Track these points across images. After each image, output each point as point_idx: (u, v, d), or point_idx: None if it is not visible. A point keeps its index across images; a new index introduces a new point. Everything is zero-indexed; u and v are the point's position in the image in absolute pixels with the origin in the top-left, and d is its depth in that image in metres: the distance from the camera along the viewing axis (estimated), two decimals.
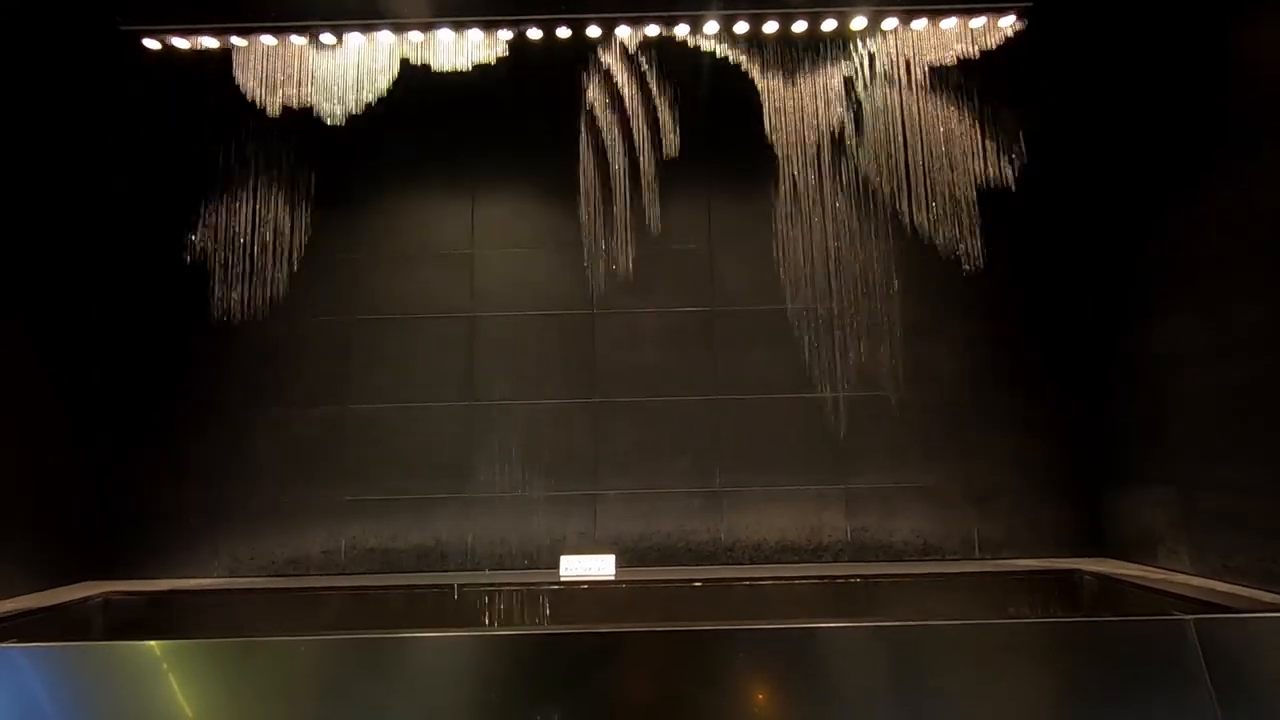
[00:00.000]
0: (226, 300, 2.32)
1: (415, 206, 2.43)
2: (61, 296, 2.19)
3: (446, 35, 2.21)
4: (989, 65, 2.26)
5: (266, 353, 2.34)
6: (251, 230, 2.34)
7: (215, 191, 2.34)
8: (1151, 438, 2.08)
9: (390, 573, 2.27)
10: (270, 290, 2.33)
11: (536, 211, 2.43)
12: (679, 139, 2.36)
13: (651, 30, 2.29)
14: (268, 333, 2.33)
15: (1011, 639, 1.41)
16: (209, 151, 2.34)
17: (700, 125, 2.36)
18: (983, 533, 2.29)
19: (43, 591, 2.02)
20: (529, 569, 2.27)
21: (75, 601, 1.95)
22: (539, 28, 2.27)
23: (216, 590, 2.12)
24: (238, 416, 2.31)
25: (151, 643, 1.41)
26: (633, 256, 2.37)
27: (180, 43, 2.27)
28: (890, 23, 2.27)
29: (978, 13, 2.25)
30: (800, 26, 2.27)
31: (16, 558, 1.98)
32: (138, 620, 2.04)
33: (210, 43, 2.27)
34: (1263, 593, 1.65)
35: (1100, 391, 2.29)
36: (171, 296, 2.34)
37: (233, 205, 2.34)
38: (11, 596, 1.93)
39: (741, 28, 2.27)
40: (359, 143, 2.34)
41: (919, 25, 2.28)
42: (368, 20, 2.26)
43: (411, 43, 2.25)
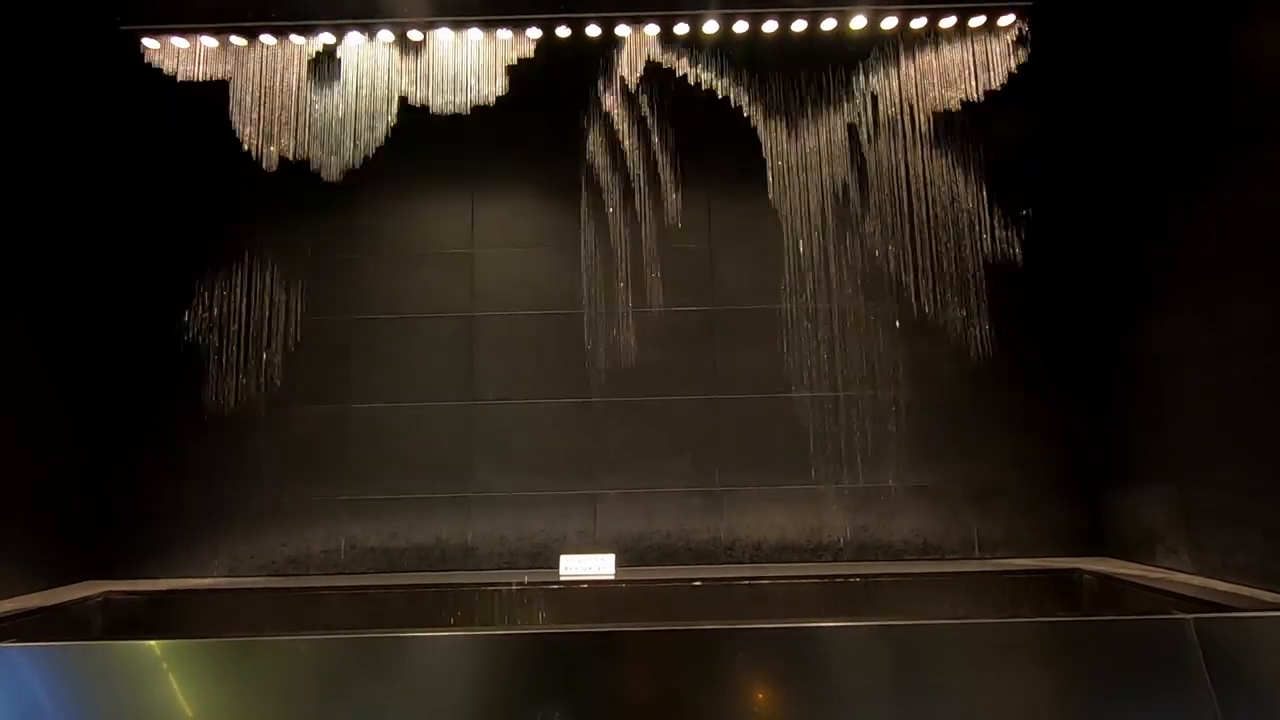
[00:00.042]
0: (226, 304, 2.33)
1: (415, 206, 2.43)
2: (61, 296, 2.19)
3: (446, 74, 2.24)
4: (994, 106, 2.29)
5: (266, 352, 2.34)
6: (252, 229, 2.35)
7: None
8: (1151, 437, 2.08)
9: (390, 572, 2.27)
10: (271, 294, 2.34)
11: (536, 211, 2.43)
12: (680, 142, 2.37)
13: (651, 29, 2.29)
14: (267, 331, 2.33)
15: (1011, 638, 1.41)
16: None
17: (701, 124, 2.37)
18: (983, 532, 2.29)
19: (42, 591, 2.02)
20: (529, 568, 2.27)
21: (75, 601, 1.95)
22: (538, 27, 2.28)
23: (216, 590, 2.12)
24: (238, 416, 2.31)
25: (151, 642, 1.40)
26: (634, 256, 2.38)
27: (180, 42, 2.27)
28: (890, 21, 2.27)
29: (976, 11, 2.26)
30: (800, 25, 2.27)
31: (16, 558, 1.98)
32: (137, 620, 2.04)
33: (210, 42, 2.27)
34: (1263, 592, 1.65)
35: (1100, 391, 2.29)
36: (172, 295, 2.34)
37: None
38: (11, 596, 1.93)
39: (740, 26, 2.28)
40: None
41: (918, 24, 2.28)
42: (367, 20, 2.26)
43: (410, 76, 2.28)
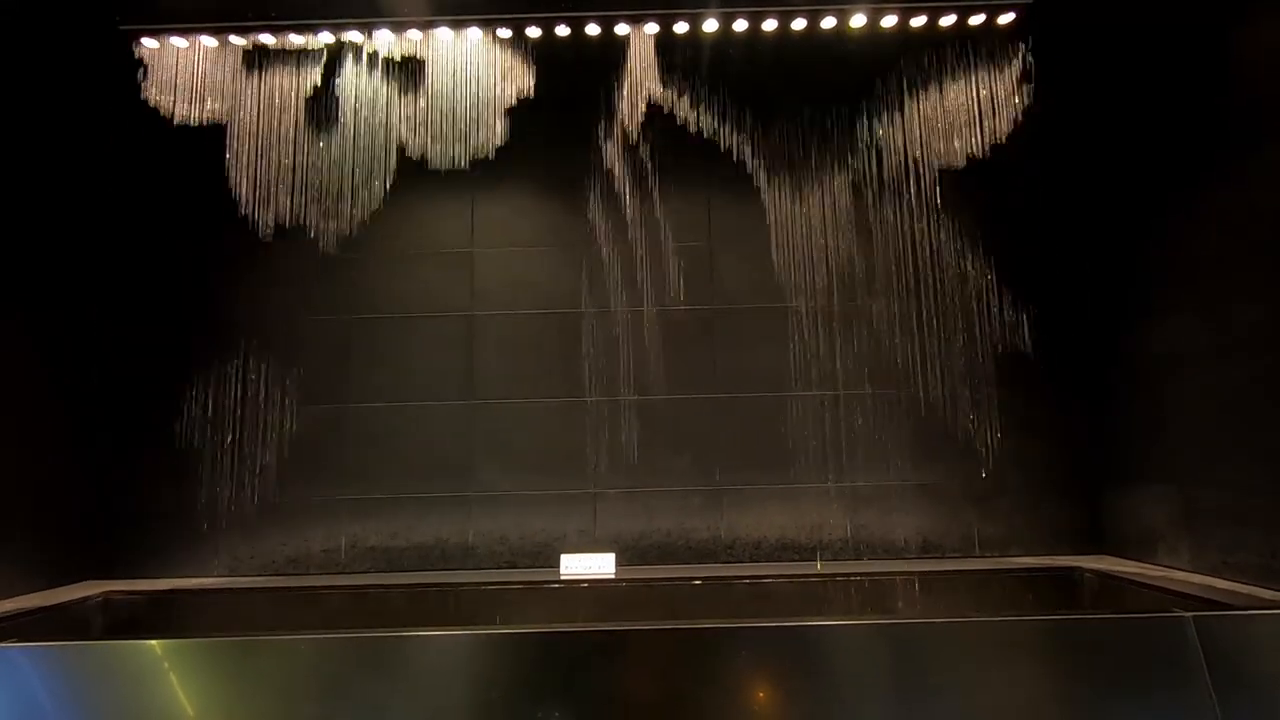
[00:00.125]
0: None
1: (414, 205, 2.43)
2: (61, 296, 2.19)
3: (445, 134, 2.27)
4: (1000, 163, 2.30)
5: (266, 352, 2.34)
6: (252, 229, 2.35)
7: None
8: (1151, 436, 2.08)
9: (391, 572, 2.27)
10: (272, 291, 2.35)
11: (536, 210, 2.43)
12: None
13: (651, 28, 2.29)
14: (266, 332, 2.34)
15: (1012, 636, 1.41)
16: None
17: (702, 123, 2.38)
18: (983, 530, 2.30)
19: (43, 591, 2.02)
20: (529, 567, 2.28)
21: (75, 601, 1.95)
22: (538, 26, 2.28)
23: (217, 590, 2.12)
24: (238, 415, 2.31)
25: (152, 642, 1.40)
26: (634, 256, 2.38)
27: (179, 42, 2.27)
28: (890, 19, 2.27)
29: (976, 10, 2.26)
30: (800, 24, 2.28)
31: (16, 557, 1.97)
32: (138, 619, 2.04)
33: (210, 42, 2.27)
34: (1262, 590, 1.65)
35: (1100, 391, 2.29)
36: (172, 296, 2.34)
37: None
38: (11, 596, 1.93)
39: (740, 24, 2.28)
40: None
41: (918, 22, 2.29)
42: (366, 20, 2.26)
43: (407, 123, 2.30)
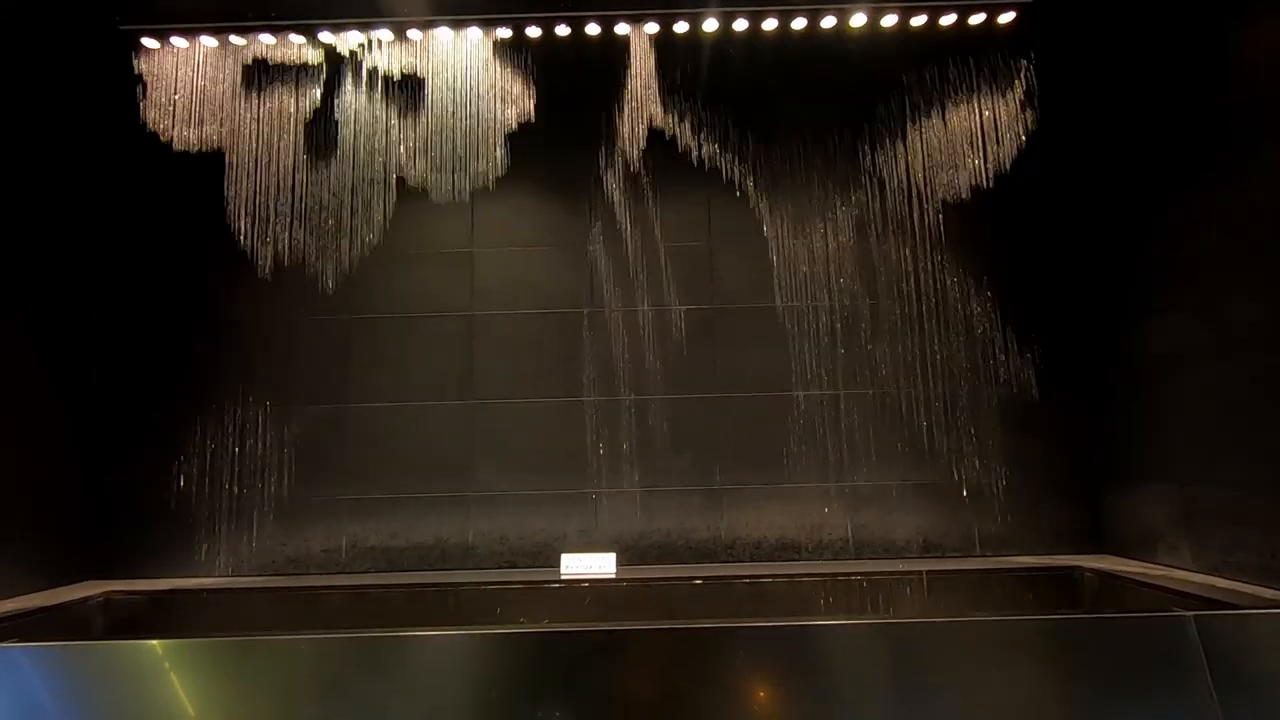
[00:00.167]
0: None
1: (414, 205, 2.43)
2: (61, 296, 2.19)
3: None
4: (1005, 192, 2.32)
5: (266, 352, 2.34)
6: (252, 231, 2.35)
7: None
8: (1151, 436, 2.08)
9: (391, 571, 2.27)
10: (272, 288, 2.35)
11: (536, 210, 2.43)
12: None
13: (652, 28, 2.29)
14: (266, 332, 2.34)
15: (1012, 636, 1.41)
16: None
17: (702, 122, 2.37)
18: (983, 530, 2.29)
19: (43, 591, 2.02)
20: (529, 567, 2.27)
21: (76, 601, 1.95)
22: (538, 25, 2.28)
23: (217, 589, 2.12)
24: (238, 416, 2.31)
25: (152, 642, 1.40)
26: (633, 255, 2.38)
27: (180, 41, 2.27)
28: (890, 19, 2.28)
29: (976, 10, 2.27)
30: (800, 24, 2.28)
31: (16, 558, 1.97)
32: (138, 619, 2.04)
33: (210, 42, 2.27)
34: (1263, 589, 1.65)
35: (1100, 391, 2.29)
36: (172, 296, 2.34)
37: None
38: (12, 596, 1.93)
39: (740, 24, 2.28)
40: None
41: (918, 22, 2.29)
42: (366, 20, 2.26)
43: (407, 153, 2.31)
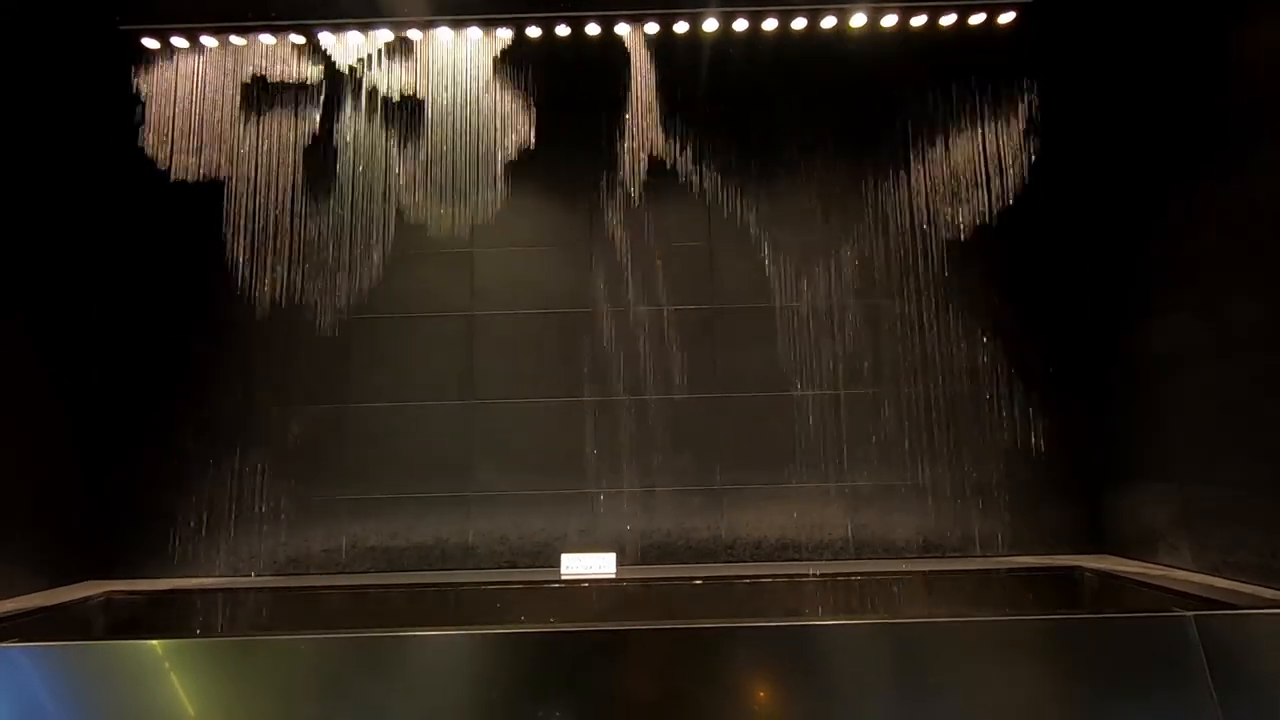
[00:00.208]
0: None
1: (415, 205, 2.43)
2: (61, 296, 2.19)
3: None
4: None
5: (266, 352, 2.34)
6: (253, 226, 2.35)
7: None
8: (1152, 435, 2.08)
9: (391, 571, 2.27)
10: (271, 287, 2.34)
11: (536, 209, 2.43)
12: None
13: (651, 28, 2.29)
14: (267, 332, 2.34)
15: (1012, 636, 1.41)
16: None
17: (703, 122, 2.38)
18: (983, 530, 2.29)
19: (44, 591, 2.02)
20: (530, 567, 2.28)
21: (76, 601, 1.95)
22: (538, 25, 2.28)
23: (217, 589, 2.12)
24: (238, 416, 2.31)
25: (153, 642, 1.40)
26: (634, 255, 2.38)
27: (180, 42, 2.27)
28: (890, 18, 2.27)
29: (976, 9, 2.26)
30: (800, 24, 2.28)
31: (17, 558, 1.97)
32: (139, 619, 2.04)
33: (210, 42, 2.27)
34: (1263, 589, 1.65)
35: (1100, 391, 2.29)
36: (172, 296, 2.34)
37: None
38: (12, 596, 1.93)
39: (740, 24, 2.28)
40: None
41: (918, 22, 2.29)
42: (366, 20, 2.26)
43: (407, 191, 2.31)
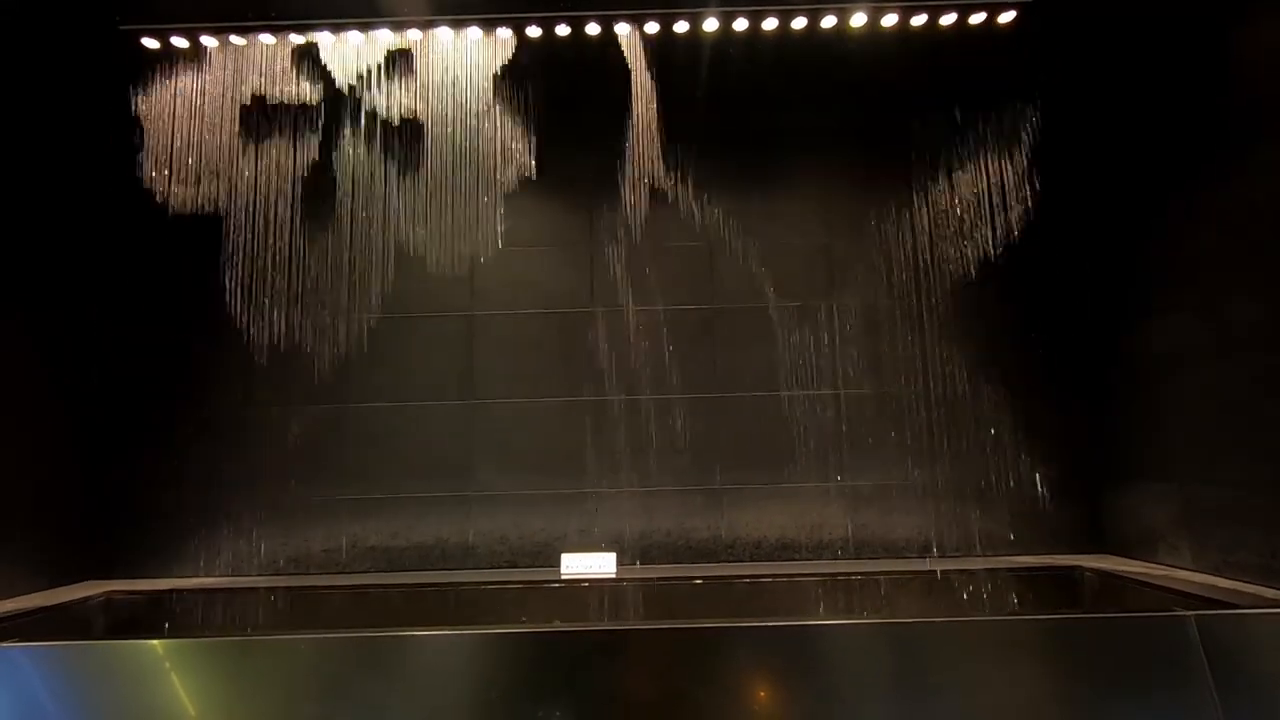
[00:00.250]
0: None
1: (414, 205, 2.43)
2: (61, 296, 2.19)
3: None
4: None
5: (266, 353, 2.34)
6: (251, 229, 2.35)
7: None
8: (1152, 435, 2.08)
9: (391, 571, 2.27)
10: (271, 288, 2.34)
11: (536, 209, 2.43)
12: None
13: (652, 27, 2.29)
14: (266, 332, 2.34)
15: (1012, 635, 1.41)
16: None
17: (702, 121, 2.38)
18: (983, 530, 2.29)
19: (44, 591, 2.02)
20: (530, 567, 2.27)
21: (76, 601, 1.95)
22: (538, 25, 2.28)
23: (218, 589, 2.12)
24: (238, 416, 2.31)
25: (153, 641, 1.40)
26: (634, 255, 2.38)
27: (180, 42, 2.27)
28: (890, 19, 2.27)
29: (976, 9, 2.26)
30: (800, 23, 2.28)
31: (17, 557, 1.97)
32: (139, 619, 2.04)
33: (210, 41, 2.27)
34: (1264, 589, 1.65)
35: (1100, 391, 2.29)
36: (173, 296, 2.34)
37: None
38: (12, 596, 1.93)
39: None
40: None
41: (918, 21, 2.28)
42: (366, 20, 2.26)
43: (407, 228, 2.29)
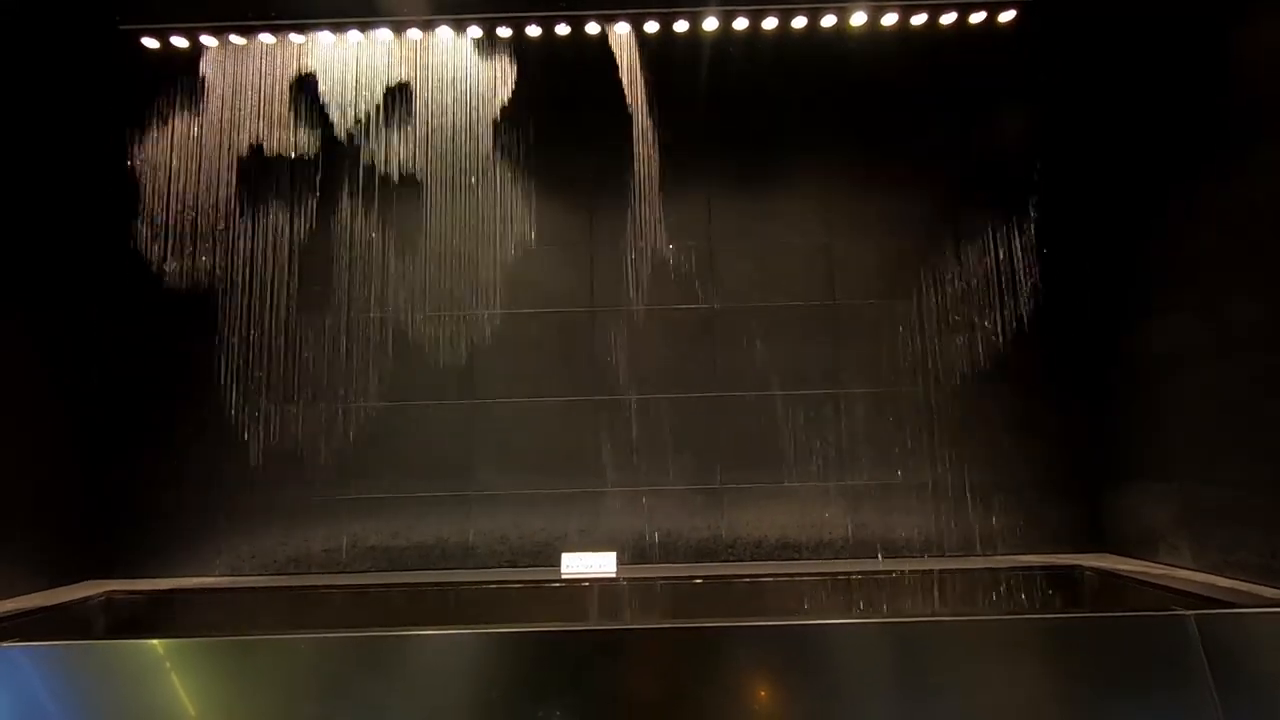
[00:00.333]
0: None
1: (414, 204, 2.43)
2: (61, 296, 2.19)
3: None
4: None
5: (266, 352, 2.34)
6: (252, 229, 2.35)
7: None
8: (1152, 435, 2.08)
9: (391, 571, 2.27)
10: (271, 291, 2.34)
11: (536, 209, 2.43)
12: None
13: (651, 26, 2.29)
14: (266, 332, 2.34)
15: (1013, 635, 1.41)
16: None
17: (702, 121, 2.38)
18: (983, 529, 2.29)
19: (44, 591, 2.02)
20: (530, 566, 2.27)
21: (76, 601, 1.95)
22: (538, 25, 2.28)
23: (218, 589, 2.12)
24: (238, 416, 2.31)
25: (153, 641, 1.40)
26: (634, 254, 2.38)
27: (180, 41, 2.27)
28: (890, 18, 2.27)
29: (976, 8, 2.26)
30: (800, 22, 2.28)
31: (17, 557, 1.97)
32: (139, 619, 2.04)
33: (210, 41, 2.27)
34: (1264, 588, 1.65)
35: (1100, 390, 2.29)
36: (173, 296, 2.34)
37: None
38: (12, 596, 1.93)
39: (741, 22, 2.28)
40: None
41: (918, 20, 2.28)
42: (366, 19, 2.26)
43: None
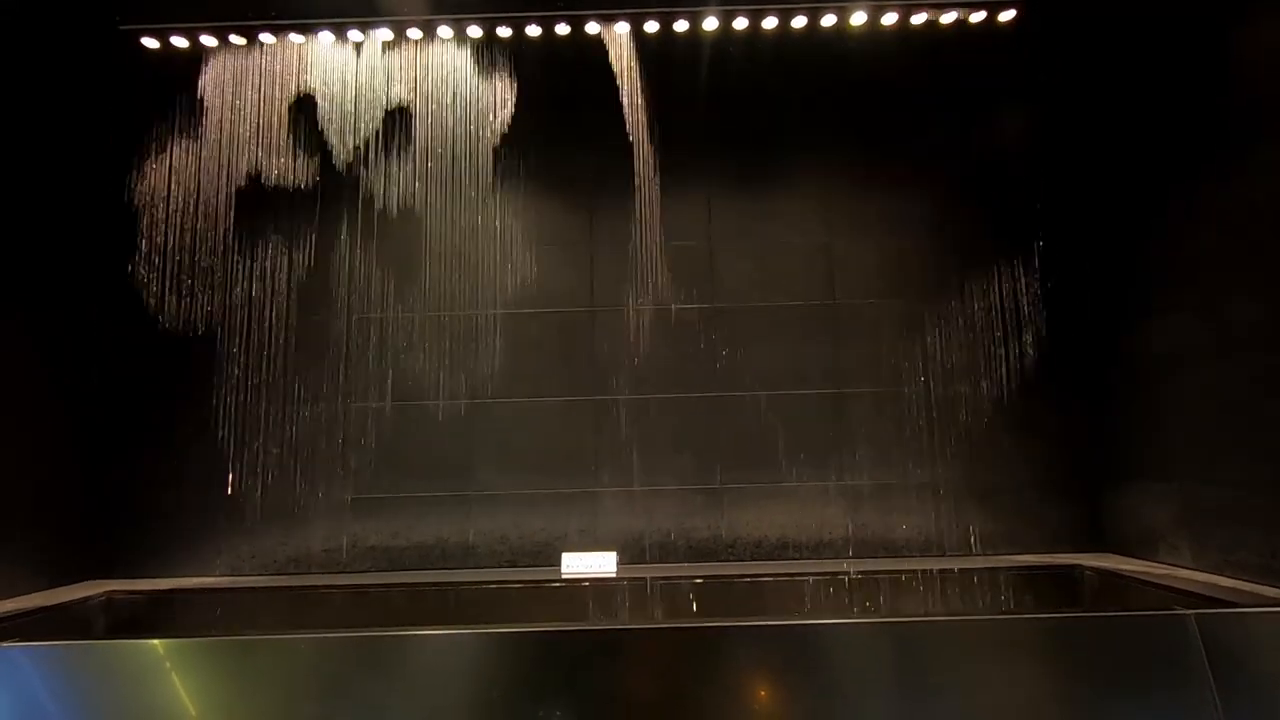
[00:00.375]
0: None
1: (414, 204, 2.43)
2: (61, 296, 2.19)
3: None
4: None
5: (266, 352, 2.34)
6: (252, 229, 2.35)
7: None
8: (1152, 435, 2.08)
9: (392, 571, 2.27)
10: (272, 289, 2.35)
11: (536, 209, 2.43)
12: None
13: (651, 26, 2.29)
14: (267, 331, 2.34)
15: (1013, 634, 1.41)
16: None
17: (702, 121, 2.38)
18: (984, 529, 2.29)
19: (43, 591, 2.02)
20: (530, 566, 2.27)
21: (76, 601, 1.95)
22: (538, 24, 2.28)
23: (218, 589, 2.12)
24: (238, 416, 2.31)
25: (153, 641, 1.40)
26: (634, 254, 2.38)
27: (180, 41, 2.27)
28: (890, 18, 2.27)
29: (976, 8, 2.26)
30: (800, 22, 2.28)
31: (17, 557, 1.97)
32: (139, 619, 2.04)
33: (210, 41, 2.27)
34: (1264, 588, 1.65)
35: (1100, 390, 2.29)
36: (173, 296, 2.34)
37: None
38: (12, 596, 1.93)
39: (741, 21, 2.28)
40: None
41: (918, 20, 2.28)
42: (366, 19, 2.26)
43: None
